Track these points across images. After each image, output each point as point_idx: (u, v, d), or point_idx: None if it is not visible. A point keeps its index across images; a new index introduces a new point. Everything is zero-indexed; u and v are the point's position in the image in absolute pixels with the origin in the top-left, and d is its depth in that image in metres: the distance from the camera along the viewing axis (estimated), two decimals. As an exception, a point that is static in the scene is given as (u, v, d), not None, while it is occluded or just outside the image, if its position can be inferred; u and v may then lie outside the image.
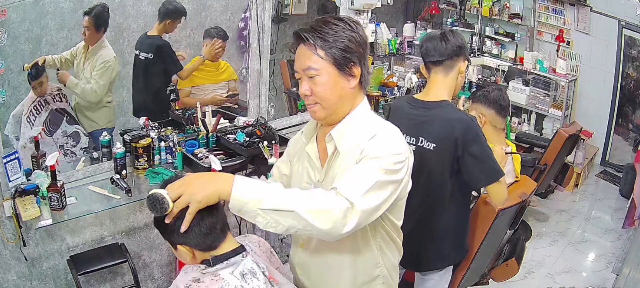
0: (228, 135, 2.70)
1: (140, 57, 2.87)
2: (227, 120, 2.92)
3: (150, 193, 1.10)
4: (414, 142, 1.82)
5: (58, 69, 2.55)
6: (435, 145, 1.78)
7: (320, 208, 1.09)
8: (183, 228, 1.12)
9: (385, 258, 1.39)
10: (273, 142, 2.61)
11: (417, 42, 5.11)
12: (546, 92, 4.79)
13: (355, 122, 1.30)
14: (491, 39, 5.26)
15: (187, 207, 1.10)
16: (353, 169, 1.19)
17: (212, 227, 1.17)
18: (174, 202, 1.10)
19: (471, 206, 2.09)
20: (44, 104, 2.54)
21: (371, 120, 1.32)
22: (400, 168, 1.22)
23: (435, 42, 1.84)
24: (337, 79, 1.25)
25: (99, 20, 2.58)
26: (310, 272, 1.45)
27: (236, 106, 3.24)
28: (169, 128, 2.68)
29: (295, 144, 1.49)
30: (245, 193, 1.09)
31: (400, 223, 1.39)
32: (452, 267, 2.03)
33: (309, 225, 1.08)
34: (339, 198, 1.11)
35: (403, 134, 1.78)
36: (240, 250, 1.25)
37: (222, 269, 1.20)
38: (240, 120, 2.93)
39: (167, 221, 1.13)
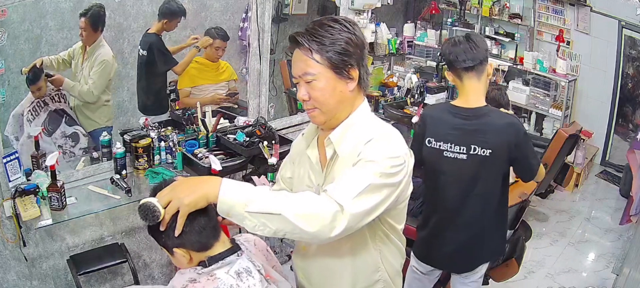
0: (228, 135, 2.70)
1: (139, 53, 2.90)
2: (227, 120, 2.92)
3: (140, 203, 1.11)
4: (464, 151, 1.86)
5: (47, 75, 2.54)
6: (491, 151, 1.83)
7: (307, 211, 1.08)
8: (177, 232, 1.13)
9: (386, 262, 1.37)
10: (273, 142, 2.61)
11: (417, 42, 5.13)
12: (546, 92, 4.78)
13: (354, 125, 1.29)
14: (491, 39, 5.25)
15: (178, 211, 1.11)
16: (347, 172, 1.17)
17: (205, 224, 1.18)
18: (164, 208, 1.11)
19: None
20: (42, 105, 2.54)
21: (370, 123, 1.30)
22: (397, 172, 1.19)
23: (464, 46, 1.85)
24: (335, 83, 1.24)
25: (95, 21, 2.59)
26: (311, 275, 1.45)
27: (236, 106, 3.24)
28: (169, 128, 2.68)
29: (297, 146, 1.48)
30: (232, 196, 1.08)
31: (401, 227, 1.37)
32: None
33: (296, 228, 1.07)
34: (329, 201, 1.10)
35: (449, 143, 1.86)
36: (236, 249, 1.25)
37: (217, 269, 1.20)
38: (240, 120, 2.93)
39: (161, 229, 1.14)
